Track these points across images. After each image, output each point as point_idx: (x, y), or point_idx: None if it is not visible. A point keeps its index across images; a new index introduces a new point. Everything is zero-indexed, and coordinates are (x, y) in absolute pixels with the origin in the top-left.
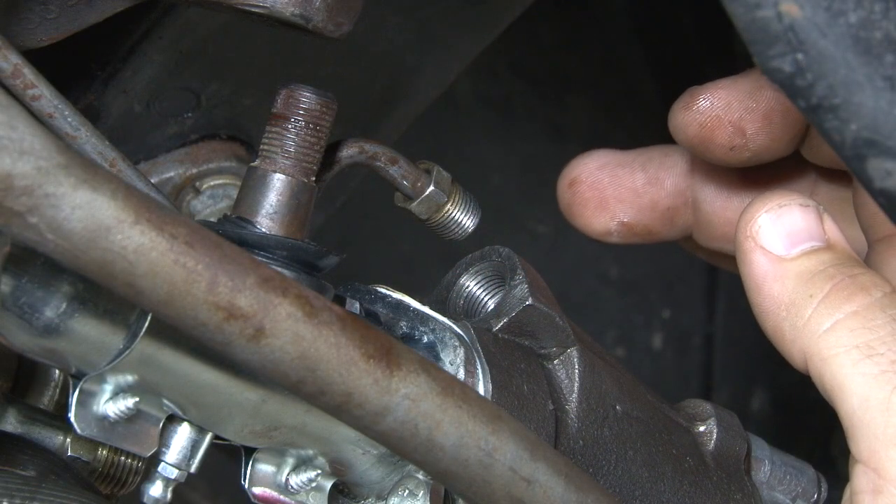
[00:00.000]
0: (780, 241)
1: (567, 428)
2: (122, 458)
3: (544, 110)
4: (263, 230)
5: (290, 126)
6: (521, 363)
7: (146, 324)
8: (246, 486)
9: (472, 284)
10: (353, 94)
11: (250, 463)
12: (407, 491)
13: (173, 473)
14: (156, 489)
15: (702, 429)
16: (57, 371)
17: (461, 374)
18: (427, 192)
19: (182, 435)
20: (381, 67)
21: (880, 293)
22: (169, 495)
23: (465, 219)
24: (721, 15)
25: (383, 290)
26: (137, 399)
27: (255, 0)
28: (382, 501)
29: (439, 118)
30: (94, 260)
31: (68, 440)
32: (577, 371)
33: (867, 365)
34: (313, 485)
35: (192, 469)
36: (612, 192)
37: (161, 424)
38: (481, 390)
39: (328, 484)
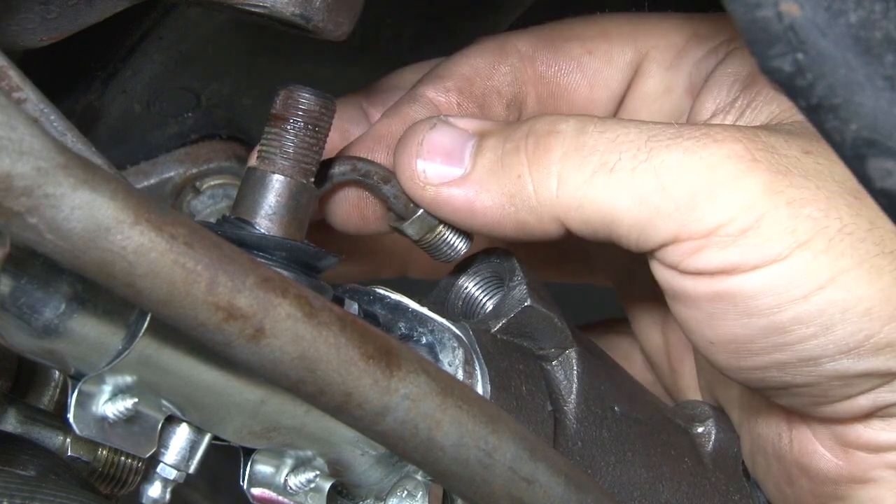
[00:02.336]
0: (443, 165)
1: (566, 429)
2: (122, 458)
3: None
4: (262, 231)
5: (289, 127)
6: (519, 364)
7: (145, 324)
8: (245, 486)
9: (470, 285)
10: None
11: (249, 464)
12: (405, 492)
13: (172, 474)
14: (154, 490)
15: (700, 430)
16: (57, 371)
17: (460, 375)
18: (420, 213)
19: (181, 436)
20: (381, 67)
21: (563, 124)
22: (168, 496)
23: (457, 240)
24: None
25: (382, 291)
26: (136, 400)
27: (255, 0)
28: (381, 502)
29: None
30: (94, 260)
31: (68, 440)
32: (575, 372)
33: (618, 175)
34: (312, 486)
35: (191, 470)
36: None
37: (160, 425)
38: (480, 391)
39: (327, 485)
